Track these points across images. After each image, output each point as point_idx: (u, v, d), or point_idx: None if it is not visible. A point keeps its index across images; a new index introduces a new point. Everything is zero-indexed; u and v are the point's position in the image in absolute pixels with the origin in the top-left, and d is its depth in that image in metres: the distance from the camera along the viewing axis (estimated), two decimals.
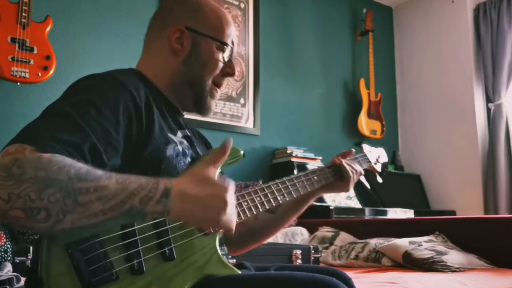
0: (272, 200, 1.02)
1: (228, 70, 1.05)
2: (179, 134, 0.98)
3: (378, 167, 1.38)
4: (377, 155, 1.37)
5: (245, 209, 0.96)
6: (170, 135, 0.93)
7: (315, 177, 1.17)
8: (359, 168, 1.26)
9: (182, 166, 0.92)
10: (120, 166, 0.83)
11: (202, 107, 1.04)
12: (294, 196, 1.10)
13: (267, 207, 1.00)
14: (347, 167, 1.22)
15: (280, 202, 1.04)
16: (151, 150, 0.86)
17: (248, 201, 0.97)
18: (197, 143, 1.06)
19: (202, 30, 1.01)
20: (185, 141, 0.98)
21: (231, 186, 0.76)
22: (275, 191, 1.04)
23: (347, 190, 1.23)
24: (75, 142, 0.73)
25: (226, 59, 1.04)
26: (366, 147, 1.36)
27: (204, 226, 0.79)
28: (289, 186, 1.08)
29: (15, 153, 0.67)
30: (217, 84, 1.05)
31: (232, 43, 1.05)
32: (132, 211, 0.69)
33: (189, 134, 1.03)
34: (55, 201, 0.64)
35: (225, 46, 1.02)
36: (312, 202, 1.24)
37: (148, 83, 0.98)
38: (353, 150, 1.31)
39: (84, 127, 0.76)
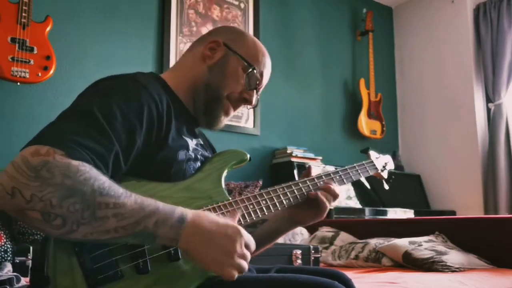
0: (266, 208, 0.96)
1: (246, 96, 1.03)
2: (194, 141, 0.99)
3: (385, 174, 1.37)
4: (384, 162, 1.37)
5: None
6: (185, 138, 0.95)
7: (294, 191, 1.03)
8: (336, 190, 1.08)
9: (191, 171, 0.93)
10: (133, 167, 0.84)
11: (211, 114, 1.02)
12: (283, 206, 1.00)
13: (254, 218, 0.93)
14: (323, 199, 1.05)
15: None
16: (164, 155, 0.88)
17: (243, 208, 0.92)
18: (209, 151, 1.08)
19: (236, 49, 1.03)
20: (198, 148, 1.00)
21: (245, 235, 0.76)
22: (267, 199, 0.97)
23: (321, 217, 1.08)
24: (101, 152, 0.75)
25: (248, 85, 1.03)
26: (373, 154, 1.35)
27: (206, 265, 0.74)
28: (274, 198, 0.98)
29: (46, 155, 0.69)
30: (233, 105, 1.04)
31: (261, 75, 1.05)
32: (144, 233, 0.71)
33: (201, 142, 1.05)
34: (74, 211, 0.67)
35: (251, 70, 1.02)
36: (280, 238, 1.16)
37: (169, 91, 0.99)
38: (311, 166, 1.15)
39: (111, 134, 0.77)
